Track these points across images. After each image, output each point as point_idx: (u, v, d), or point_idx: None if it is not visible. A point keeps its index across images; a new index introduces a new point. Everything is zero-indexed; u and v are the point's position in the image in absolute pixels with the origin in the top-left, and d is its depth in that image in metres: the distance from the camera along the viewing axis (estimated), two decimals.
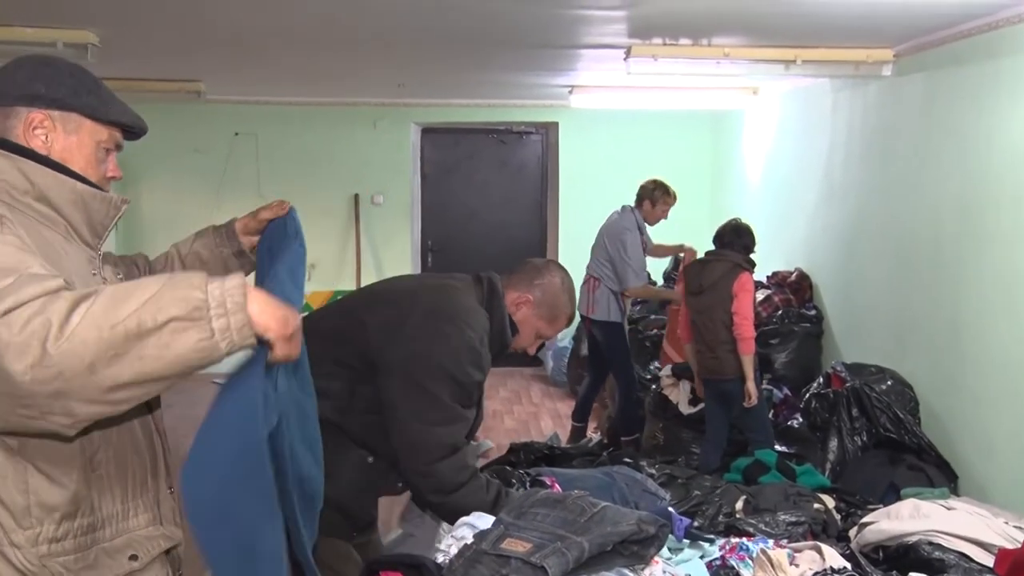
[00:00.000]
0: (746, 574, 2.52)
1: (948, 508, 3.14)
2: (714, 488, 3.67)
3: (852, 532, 3.25)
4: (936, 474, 4.24)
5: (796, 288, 6.29)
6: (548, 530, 2.12)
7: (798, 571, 2.55)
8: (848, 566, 2.63)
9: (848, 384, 4.75)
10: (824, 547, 2.70)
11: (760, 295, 6.08)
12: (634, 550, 2.12)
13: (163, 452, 1.87)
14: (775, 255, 6.57)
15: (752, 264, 4.85)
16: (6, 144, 1.70)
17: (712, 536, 2.78)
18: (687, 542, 2.64)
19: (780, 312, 6.08)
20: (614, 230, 5.93)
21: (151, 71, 6.23)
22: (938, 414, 4.58)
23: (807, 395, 5.11)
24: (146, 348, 1.41)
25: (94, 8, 4.07)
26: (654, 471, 3.80)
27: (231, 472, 1.55)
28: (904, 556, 2.96)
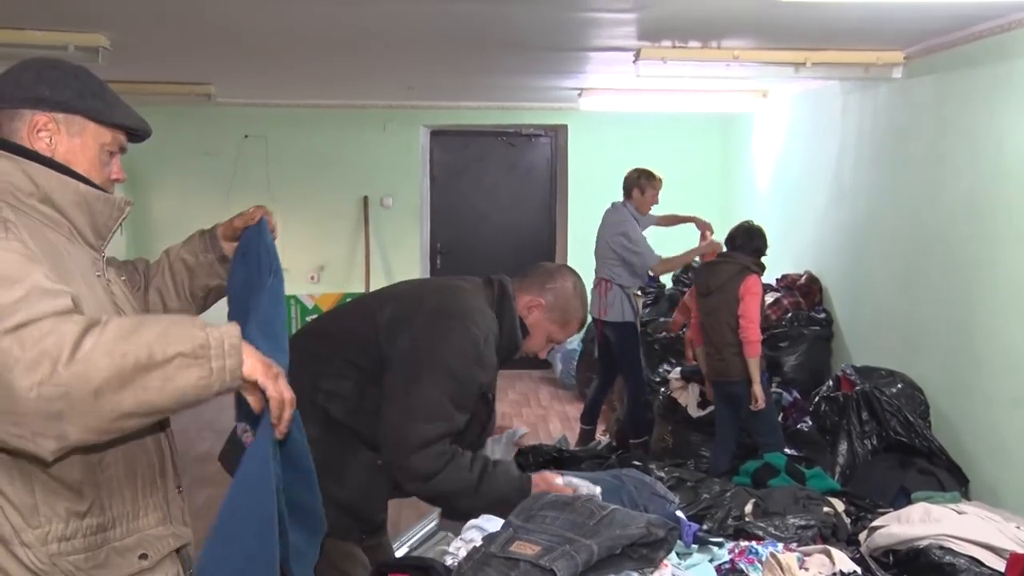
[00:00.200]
0: None
1: (959, 512, 3.12)
2: (723, 491, 3.66)
3: (862, 536, 3.23)
4: (947, 478, 4.22)
5: (806, 291, 6.27)
6: (557, 533, 2.11)
7: (808, 575, 2.55)
8: (858, 570, 2.61)
9: (858, 387, 4.73)
10: (834, 551, 2.69)
11: (769, 298, 6.07)
12: (643, 553, 2.12)
13: (171, 452, 1.87)
14: (784, 258, 6.56)
15: (761, 267, 4.83)
16: (10, 146, 1.70)
17: (721, 539, 2.76)
18: (696, 546, 2.63)
19: (789, 315, 6.07)
20: (612, 227, 5.93)
21: (161, 74, 6.26)
22: (949, 417, 4.56)
23: (816, 398, 5.10)
24: (151, 379, 1.47)
25: (105, 11, 4.09)
26: (663, 474, 3.79)
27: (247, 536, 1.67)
28: (914, 560, 2.95)
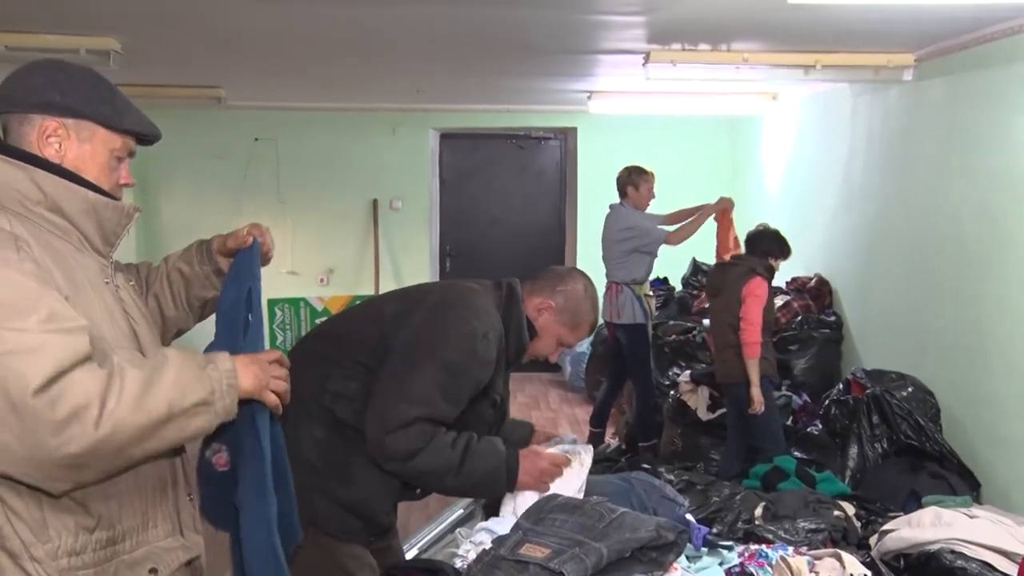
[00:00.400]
0: None
1: (970, 516, 3.11)
2: (733, 494, 3.65)
3: (873, 540, 3.22)
4: (958, 482, 4.20)
5: (816, 294, 6.26)
6: (566, 536, 2.11)
7: None
8: (869, 574, 2.61)
9: (868, 390, 4.72)
10: (844, 555, 2.68)
11: (779, 301, 6.05)
12: (653, 556, 2.11)
13: (182, 462, 1.87)
14: (794, 261, 6.49)
15: (770, 270, 4.80)
16: (18, 153, 1.68)
17: (731, 543, 2.76)
18: (705, 550, 2.62)
19: (799, 318, 6.06)
20: (614, 228, 5.96)
21: (172, 77, 6.28)
22: (960, 421, 4.54)
23: (827, 401, 5.08)
24: (168, 431, 1.58)
25: (117, 15, 4.11)
26: (672, 477, 3.78)
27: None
28: (926, 565, 2.94)
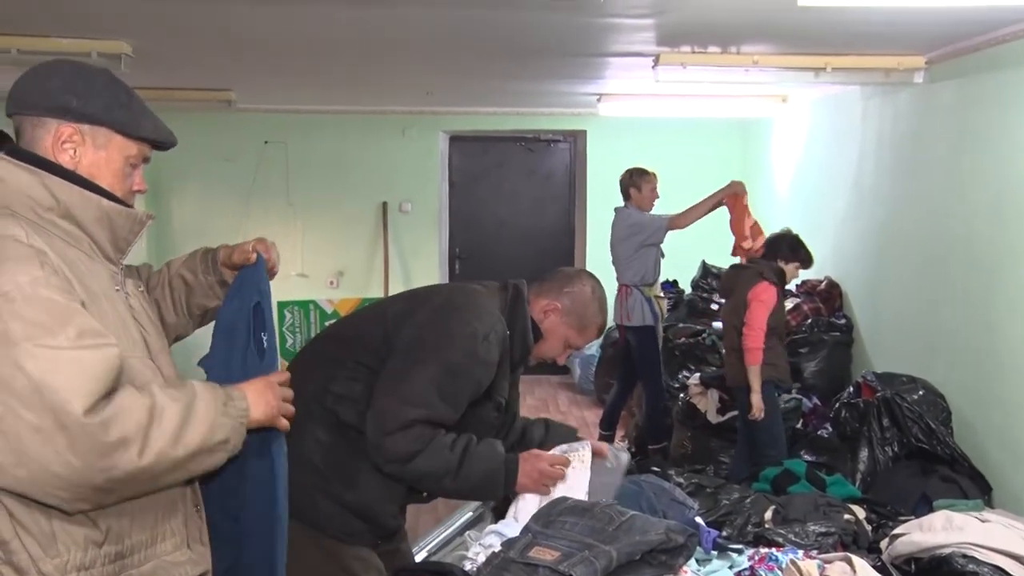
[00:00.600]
0: None
1: (982, 520, 3.10)
2: (743, 498, 3.64)
3: (883, 544, 3.21)
4: (970, 486, 4.18)
5: (826, 297, 6.24)
6: (576, 539, 2.11)
7: None
8: None
9: (879, 394, 4.70)
10: (855, 558, 2.67)
11: (789, 304, 6.04)
12: (662, 559, 2.11)
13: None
14: None
15: (780, 274, 4.76)
16: (32, 158, 1.66)
17: (740, 546, 2.75)
18: (715, 553, 2.62)
19: (809, 321, 6.04)
20: (620, 229, 5.97)
21: (183, 80, 6.29)
22: (972, 424, 4.52)
23: (837, 404, 5.06)
24: (193, 464, 1.64)
25: (128, 19, 4.12)
26: (682, 480, 3.77)
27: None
28: (937, 569, 2.92)
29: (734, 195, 5.80)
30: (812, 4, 3.44)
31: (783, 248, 4.82)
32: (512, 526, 2.36)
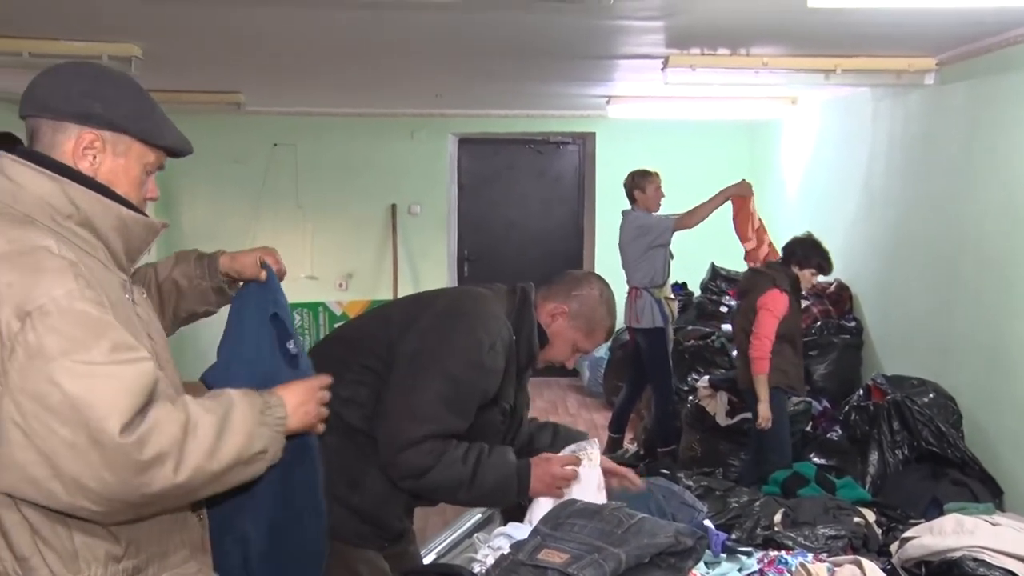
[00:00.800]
0: None
1: (993, 524, 3.09)
2: (752, 500, 3.64)
3: (893, 547, 3.20)
4: (980, 489, 4.17)
5: (835, 299, 6.22)
6: (585, 541, 2.11)
7: None
8: None
9: (889, 396, 4.69)
10: (865, 561, 2.67)
11: None
12: (671, 562, 2.11)
13: None
14: None
15: (793, 281, 4.66)
16: (52, 164, 1.62)
17: (750, 549, 2.75)
18: (724, 556, 2.62)
19: (819, 323, 6.03)
20: (628, 232, 5.96)
21: (192, 83, 6.31)
22: (982, 427, 4.50)
23: (847, 407, 5.05)
24: (231, 476, 1.63)
25: (138, 22, 4.14)
26: (691, 483, 3.78)
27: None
28: (947, 572, 2.92)
29: (740, 195, 5.79)
30: (822, 5, 3.43)
31: (798, 253, 4.74)
32: (521, 528, 2.36)
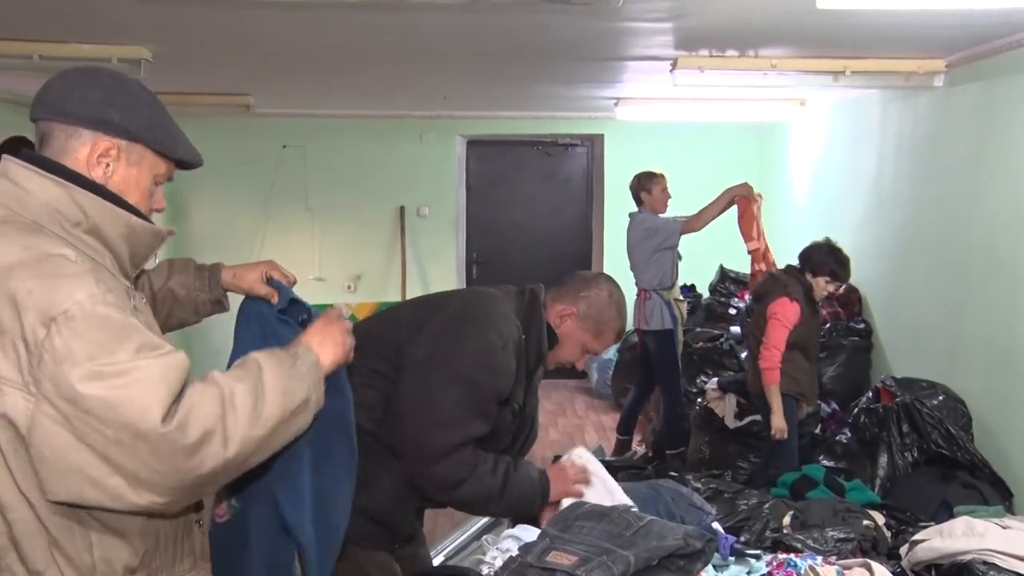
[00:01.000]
0: None
1: (1003, 527, 3.08)
2: (761, 503, 3.63)
3: (903, 550, 3.19)
4: (990, 492, 4.15)
5: (844, 301, 6.21)
6: (594, 543, 2.11)
7: None
8: None
9: (898, 399, 4.67)
10: (874, 564, 2.66)
11: None
12: (680, 565, 2.11)
13: None
14: None
15: (804, 289, 4.52)
16: (61, 170, 1.60)
17: (759, 552, 2.74)
18: (733, 559, 2.61)
19: (828, 326, 6.01)
20: (635, 235, 5.96)
21: (201, 85, 6.33)
22: (992, 430, 4.49)
23: (856, 410, 5.04)
24: (278, 435, 1.62)
25: (148, 25, 4.15)
26: (700, 485, 3.77)
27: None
28: None
29: (743, 196, 5.78)
30: (831, 7, 3.43)
31: (812, 260, 4.60)
32: (529, 530, 2.36)
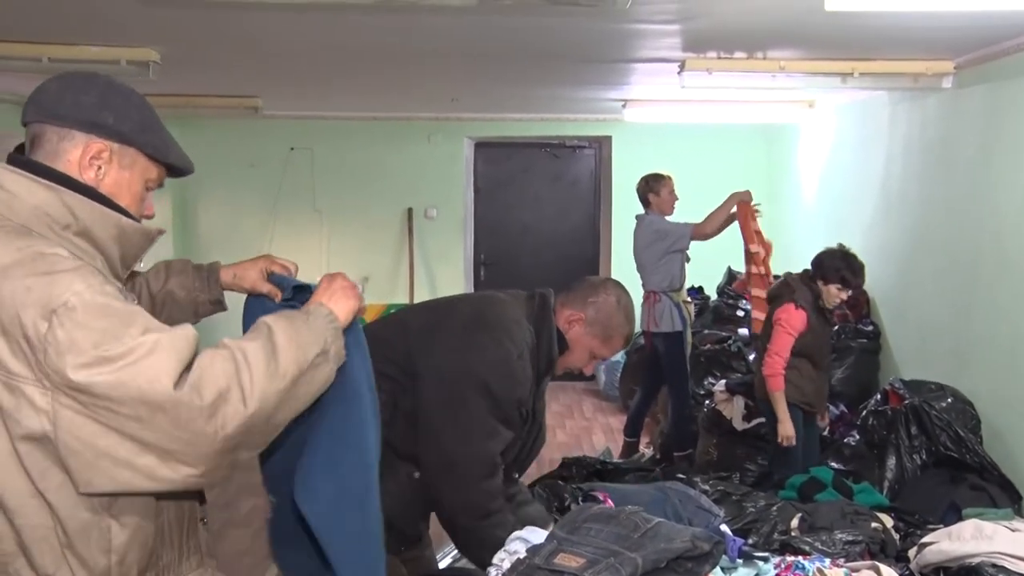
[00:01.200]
0: None
1: (1012, 529, 3.07)
2: (769, 505, 3.63)
3: (911, 552, 3.19)
4: (999, 494, 4.14)
5: (853, 303, 6.19)
6: (601, 545, 2.11)
7: None
8: None
9: (906, 401, 4.66)
10: (882, 567, 2.66)
11: None
12: (688, 567, 2.10)
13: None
14: None
15: (808, 297, 4.43)
16: (49, 172, 1.59)
17: (767, 554, 2.74)
18: (741, 561, 2.61)
19: (836, 327, 6.00)
20: (643, 237, 5.94)
21: (210, 87, 6.35)
22: (1001, 432, 4.47)
23: (864, 412, 5.02)
24: (300, 388, 1.60)
25: (156, 27, 4.16)
26: (708, 487, 3.77)
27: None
28: None
29: (743, 202, 5.77)
30: (840, 9, 3.42)
31: (823, 267, 4.48)
32: (537, 532, 2.36)
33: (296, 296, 2.01)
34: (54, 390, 1.44)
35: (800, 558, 2.67)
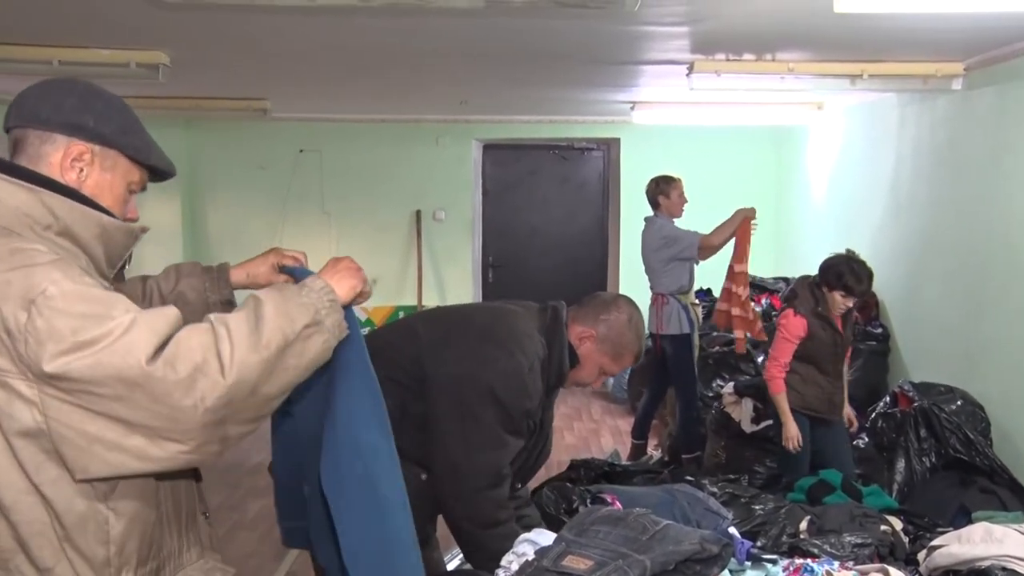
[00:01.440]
0: None
1: (1022, 533, 3.05)
2: (778, 508, 3.62)
3: (921, 555, 3.17)
4: (1009, 497, 4.12)
5: (862, 305, 6.17)
6: (610, 548, 2.11)
7: None
8: None
9: (916, 404, 4.65)
10: (892, 570, 2.65)
11: None
12: (697, 569, 2.10)
13: (196, 482, 1.85)
14: None
15: (809, 303, 4.34)
16: (28, 174, 1.60)
17: (775, 557, 2.73)
18: (749, 563, 2.60)
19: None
20: (651, 240, 5.93)
21: (219, 89, 6.37)
22: (1011, 435, 4.46)
23: (873, 415, 5.02)
24: (288, 359, 1.56)
25: (166, 30, 4.18)
26: (716, 489, 3.75)
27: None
28: None
29: (748, 218, 5.73)
30: (849, 11, 3.41)
31: (826, 273, 4.37)
32: (545, 534, 2.36)
33: None
34: (38, 381, 1.45)
35: (809, 561, 2.67)
